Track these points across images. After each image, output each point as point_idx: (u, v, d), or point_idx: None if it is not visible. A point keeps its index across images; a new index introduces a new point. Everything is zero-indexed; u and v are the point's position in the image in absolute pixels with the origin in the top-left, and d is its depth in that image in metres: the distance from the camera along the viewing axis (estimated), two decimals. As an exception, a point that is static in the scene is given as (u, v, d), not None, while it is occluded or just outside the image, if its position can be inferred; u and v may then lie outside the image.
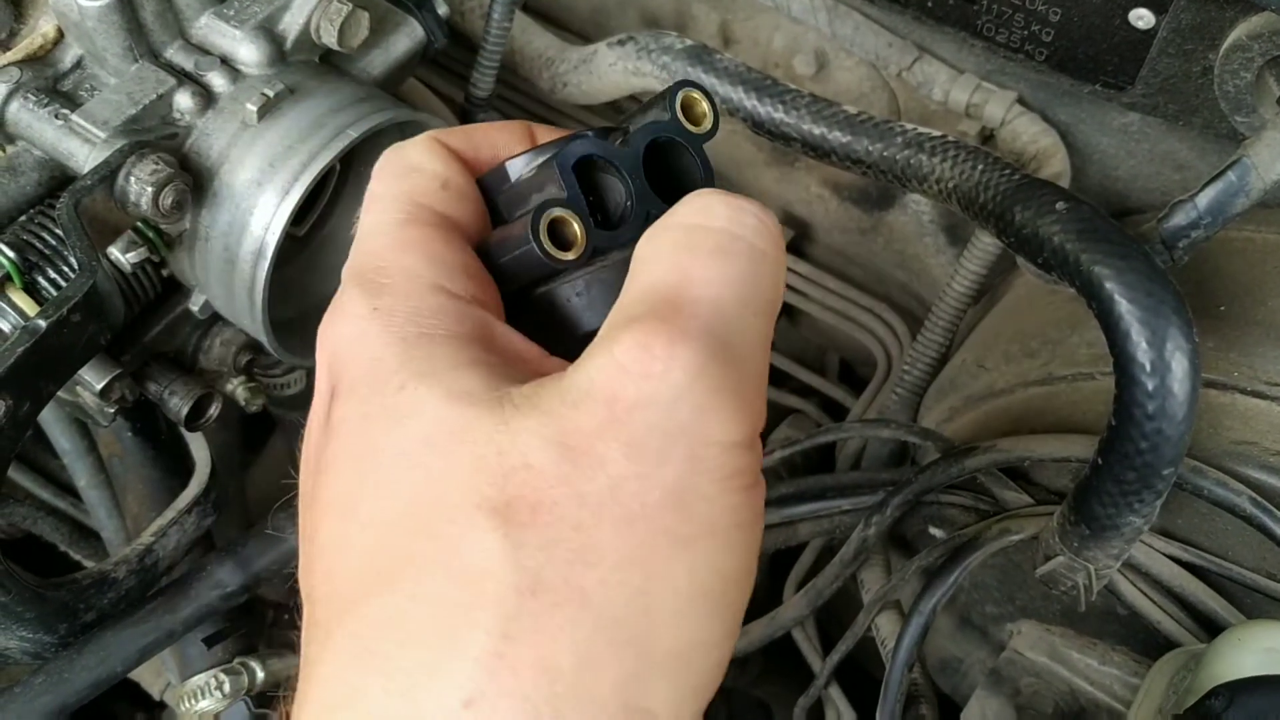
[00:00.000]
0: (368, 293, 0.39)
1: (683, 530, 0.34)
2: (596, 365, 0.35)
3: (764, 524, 0.86)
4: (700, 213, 0.39)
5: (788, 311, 1.16)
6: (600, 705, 0.33)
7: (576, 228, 0.41)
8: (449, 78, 1.10)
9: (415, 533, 0.35)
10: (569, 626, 0.33)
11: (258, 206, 0.68)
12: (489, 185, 0.46)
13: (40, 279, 0.69)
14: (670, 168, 0.45)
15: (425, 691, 0.33)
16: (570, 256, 0.41)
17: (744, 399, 0.36)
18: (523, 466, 0.34)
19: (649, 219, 0.42)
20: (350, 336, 0.39)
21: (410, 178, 0.43)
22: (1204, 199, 0.63)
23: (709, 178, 0.44)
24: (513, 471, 0.34)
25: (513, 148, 0.47)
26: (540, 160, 0.44)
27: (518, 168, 0.46)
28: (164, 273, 0.75)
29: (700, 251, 0.38)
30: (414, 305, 0.39)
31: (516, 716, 0.32)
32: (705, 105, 0.45)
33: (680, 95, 0.44)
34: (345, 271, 0.42)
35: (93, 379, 0.72)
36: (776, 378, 1.14)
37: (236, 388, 0.83)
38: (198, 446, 0.83)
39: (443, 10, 0.83)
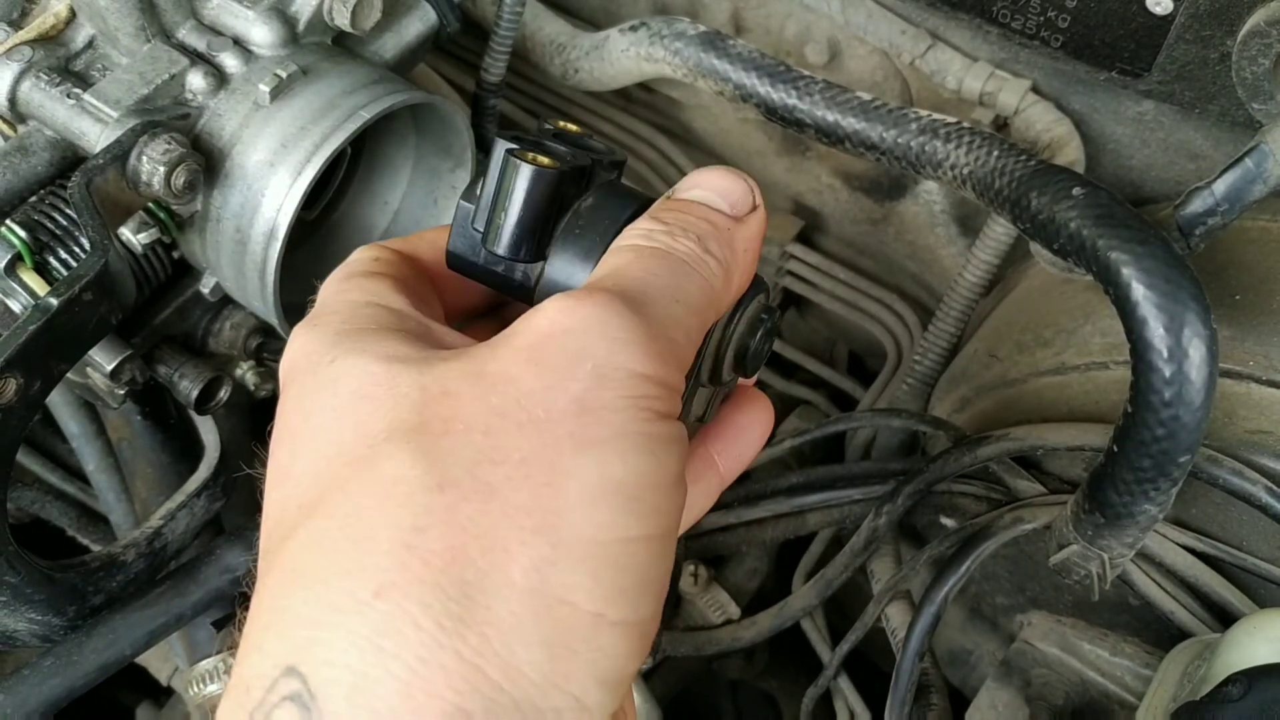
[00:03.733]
0: (307, 323, 0.42)
1: (590, 433, 0.36)
2: (524, 320, 0.39)
3: (771, 514, 0.87)
4: (646, 236, 0.42)
5: (797, 302, 1.15)
6: (510, 589, 0.34)
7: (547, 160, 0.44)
8: (460, 65, 1.10)
9: (340, 466, 0.37)
10: (477, 517, 0.34)
11: (270, 187, 0.68)
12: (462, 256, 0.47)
13: (51, 259, 0.69)
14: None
15: (338, 591, 0.34)
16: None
17: (657, 351, 0.38)
18: (440, 394, 0.37)
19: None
20: (293, 348, 0.42)
21: (346, 265, 0.46)
22: (1221, 185, 0.62)
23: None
24: (431, 399, 0.37)
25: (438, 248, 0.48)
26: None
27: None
28: (175, 254, 0.75)
29: (646, 252, 0.41)
30: (346, 313, 0.42)
31: (427, 601, 0.33)
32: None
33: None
34: None
35: (103, 360, 0.72)
36: (785, 369, 1.14)
37: (246, 372, 0.82)
38: (207, 430, 0.83)
39: (455, -5, 0.82)
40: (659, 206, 0.45)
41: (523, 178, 0.43)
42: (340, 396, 0.38)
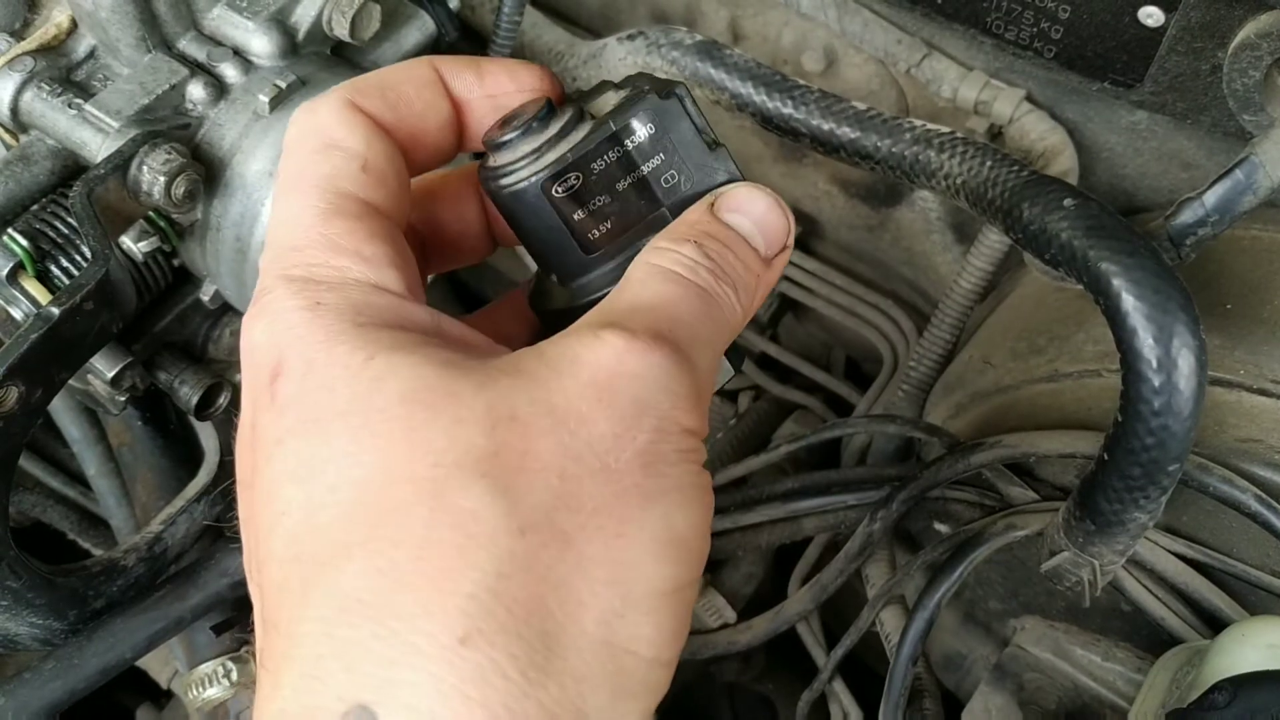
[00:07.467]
0: (304, 292, 0.39)
1: (652, 485, 0.37)
2: (582, 343, 0.38)
3: (766, 519, 0.88)
4: (691, 269, 0.42)
5: (794, 307, 1.16)
6: (584, 639, 0.35)
7: None
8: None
9: (396, 482, 0.35)
10: (554, 566, 0.35)
11: (269, 197, 0.68)
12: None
13: (53, 267, 0.69)
14: None
15: (419, 632, 0.33)
16: None
17: (699, 403, 0.40)
18: (509, 418, 0.36)
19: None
20: (293, 326, 0.38)
21: (330, 159, 0.42)
22: (1211, 197, 0.63)
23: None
24: (500, 422, 0.36)
25: (428, 100, 0.45)
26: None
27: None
28: (175, 262, 0.76)
29: (693, 292, 0.42)
30: (358, 302, 0.39)
31: (514, 651, 0.34)
32: None
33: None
34: (268, 266, 0.41)
35: (104, 367, 0.72)
36: (782, 373, 1.14)
37: (246, 378, 0.83)
38: (207, 436, 0.84)
39: (453, 4, 0.83)
40: (702, 226, 0.44)
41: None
42: (385, 400, 0.36)
